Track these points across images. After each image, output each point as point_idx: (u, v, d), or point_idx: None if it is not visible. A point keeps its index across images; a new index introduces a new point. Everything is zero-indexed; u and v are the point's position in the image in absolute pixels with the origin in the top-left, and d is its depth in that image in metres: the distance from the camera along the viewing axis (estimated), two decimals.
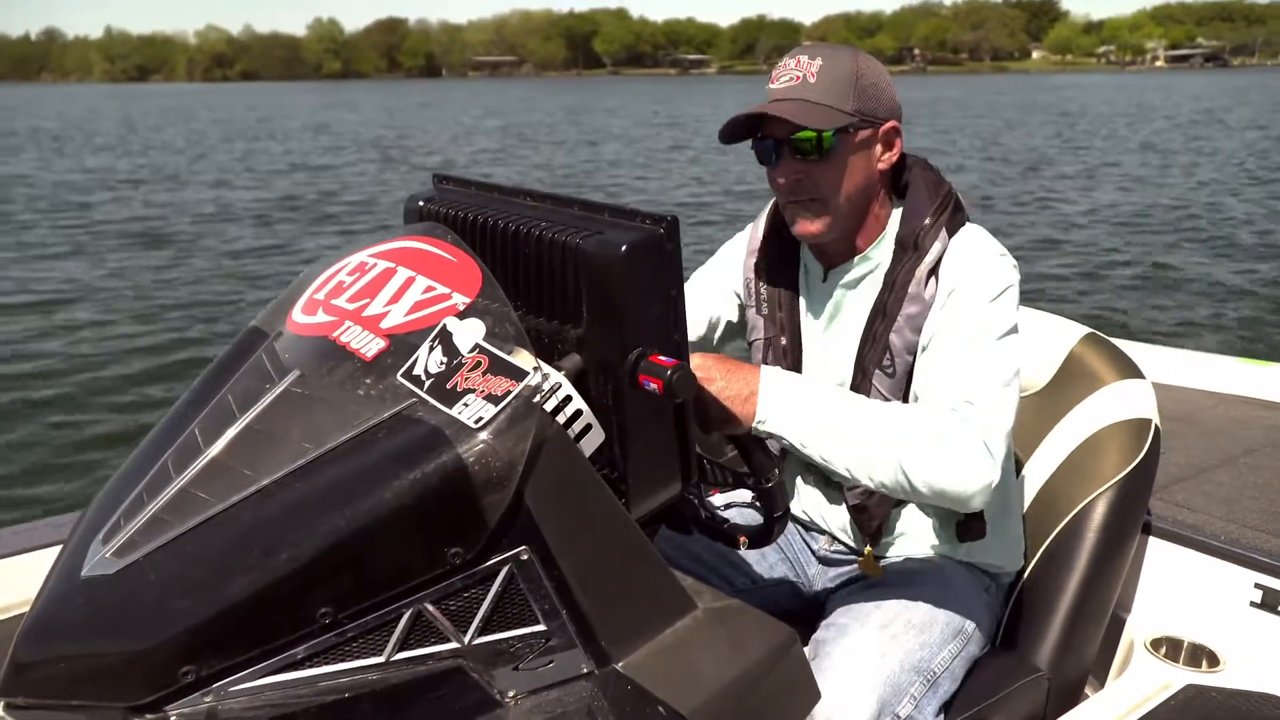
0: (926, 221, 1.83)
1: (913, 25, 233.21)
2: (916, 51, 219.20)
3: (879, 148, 1.85)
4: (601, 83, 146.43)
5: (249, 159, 27.46)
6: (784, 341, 2.00)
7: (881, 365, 1.84)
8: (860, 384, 1.87)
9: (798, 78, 1.79)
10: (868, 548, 1.99)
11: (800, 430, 1.63)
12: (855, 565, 2.04)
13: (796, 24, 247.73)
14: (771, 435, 1.63)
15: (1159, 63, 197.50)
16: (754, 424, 1.62)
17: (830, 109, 1.76)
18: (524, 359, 1.21)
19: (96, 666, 1.07)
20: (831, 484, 2.02)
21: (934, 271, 1.81)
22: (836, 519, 2.03)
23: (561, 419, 1.26)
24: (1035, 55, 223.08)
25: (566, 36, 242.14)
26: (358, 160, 26.91)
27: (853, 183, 1.82)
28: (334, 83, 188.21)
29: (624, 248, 1.27)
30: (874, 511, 1.95)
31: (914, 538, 1.99)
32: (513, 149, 30.44)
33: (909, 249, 1.83)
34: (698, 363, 1.58)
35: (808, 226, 1.85)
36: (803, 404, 1.63)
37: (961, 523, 1.95)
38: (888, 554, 2.01)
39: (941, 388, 1.72)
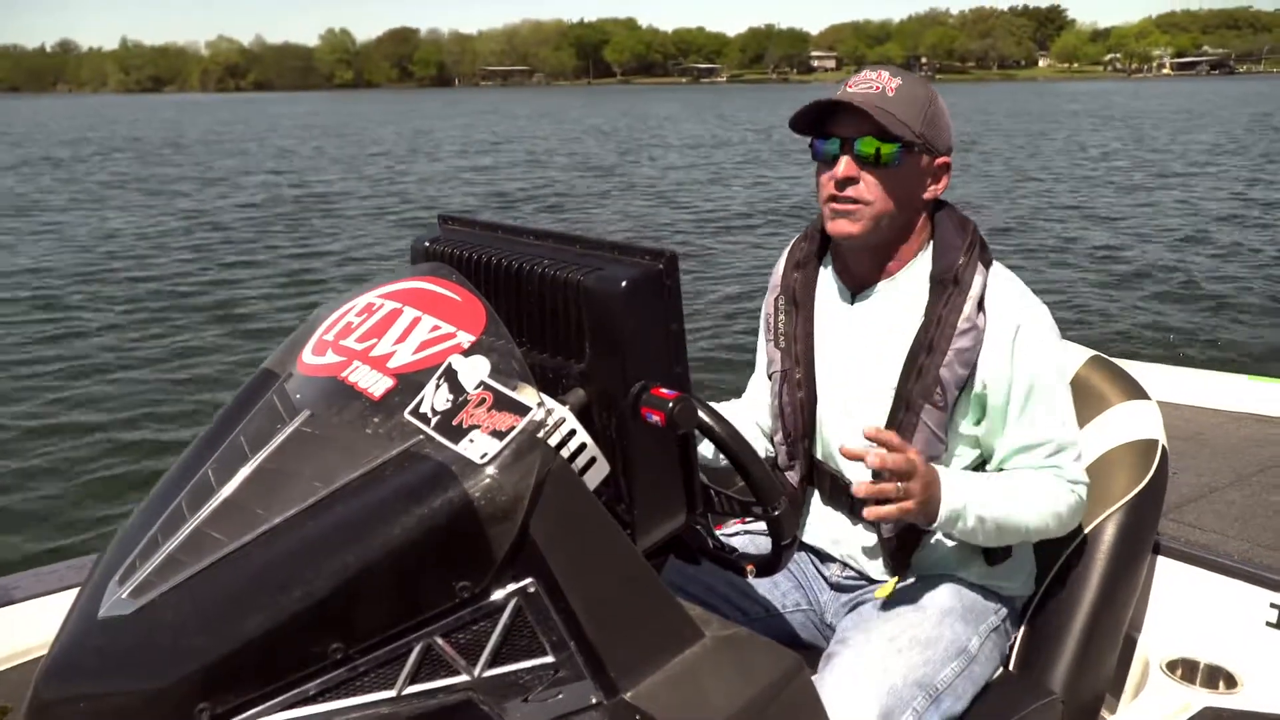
0: (961, 260, 1.89)
1: (920, 34, 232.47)
2: (924, 60, 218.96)
3: (929, 178, 1.92)
4: (619, 91, 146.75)
5: (411, 163, 28.69)
6: (798, 375, 2.02)
7: (932, 399, 1.88)
8: (905, 417, 1.89)
9: (877, 88, 1.86)
10: (895, 578, 2.00)
11: (964, 528, 1.84)
12: (868, 590, 2.04)
13: (804, 33, 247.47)
14: (937, 531, 1.87)
15: (1165, 70, 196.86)
16: (935, 524, 1.81)
17: (903, 124, 1.83)
18: (528, 394, 1.23)
19: (115, 705, 1.09)
20: (854, 515, 2.02)
21: (979, 305, 1.87)
22: (860, 551, 2.04)
23: (566, 453, 1.28)
24: (1042, 63, 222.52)
25: (577, 46, 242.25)
26: (510, 164, 27.89)
27: (899, 200, 1.88)
28: (347, 92, 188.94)
29: (624, 283, 1.29)
30: (905, 543, 1.97)
31: (937, 564, 2.01)
32: (642, 148, 31.69)
33: (948, 284, 1.88)
34: (914, 458, 1.74)
35: (846, 228, 1.89)
36: (970, 508, 1.82)
37: (989, 549, 1.99)
38: (904, 577, 2.02)
39: (1036, 437, 1.91)
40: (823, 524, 2.10)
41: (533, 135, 40.66)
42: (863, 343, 1.97)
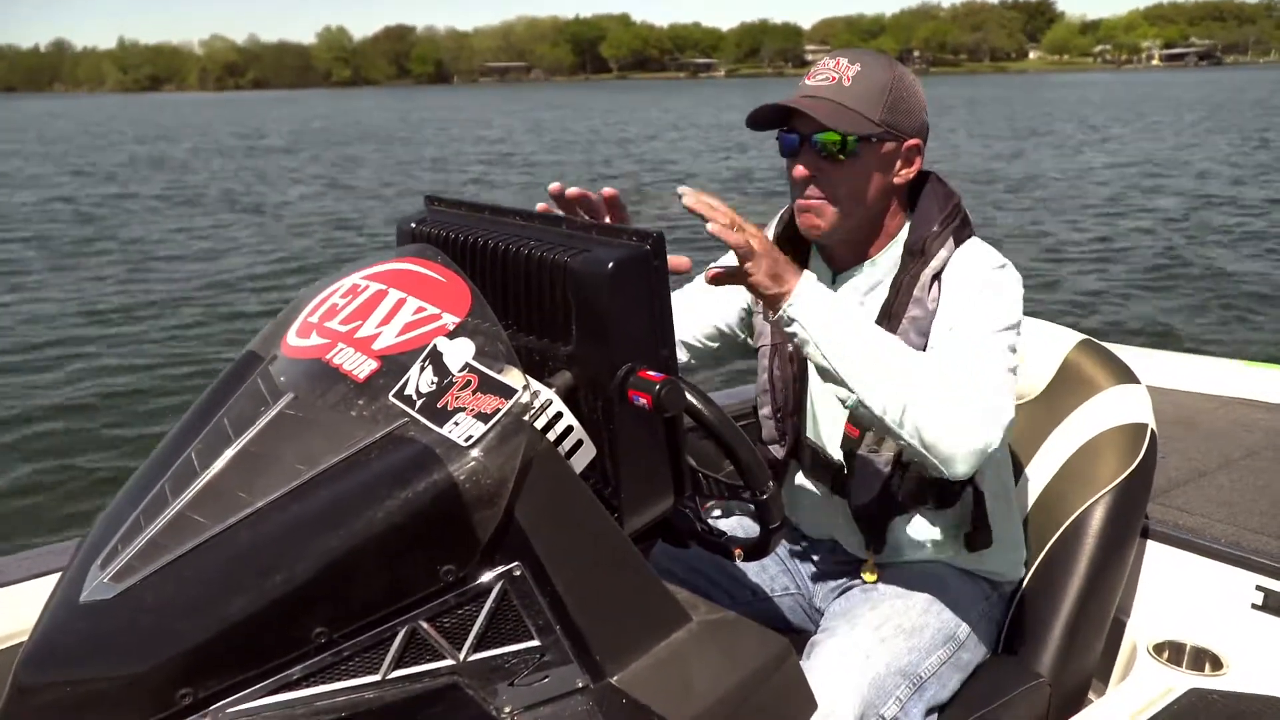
0: (935, 229, 1.85)
1: (913, 27, 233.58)
2: (916, 53, 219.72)
3: (899, 162, 1.87)
4: (621, 87, 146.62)
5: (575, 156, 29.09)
6: (789, 348, 2.01)
7: None
8: None
9: (833, 79, 1.81)
10: (870, 553, 1.99)
11: (823, 330, 1.65)
12: (856, 576, 2.04)
13: (798, 27, 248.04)
14: (793, 324, 1.66)
15: (1154, 61, 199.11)
16: (782, 307, 1.65)
17: (858, 115, 1.79)
18: (513, 377, 1.22)
19: (97, 690, 1.08)
20: (834, 490, 2.02)
21: (937, 278, 1.83)
22: (838, 526, 2.04)
23: (552, 436, 1.27)
24: (1032, 55, 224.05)
25: (573, 42, 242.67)
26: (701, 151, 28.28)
27: (866, 190, 1.84)
28: (347, 90, 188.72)
29: (611, 264, 1.28)
30: (876, 516, 1.96)
31: (916, 545, 2.00)
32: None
33: (916, 255, 1.85)
34: (753, 231, 1.64)
35: (813, 221, 1.87)
36: (833, 308, 1.67)
37: (970, 532, 1.97)
38: (888, 561, 2.02)
39: (946, 369, 1.71)
40: (803, 499, 2.10)
41: (638, 124, 40.95)
42: None
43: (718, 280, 1.69)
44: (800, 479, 2.11)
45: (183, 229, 15.95)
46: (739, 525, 2.09)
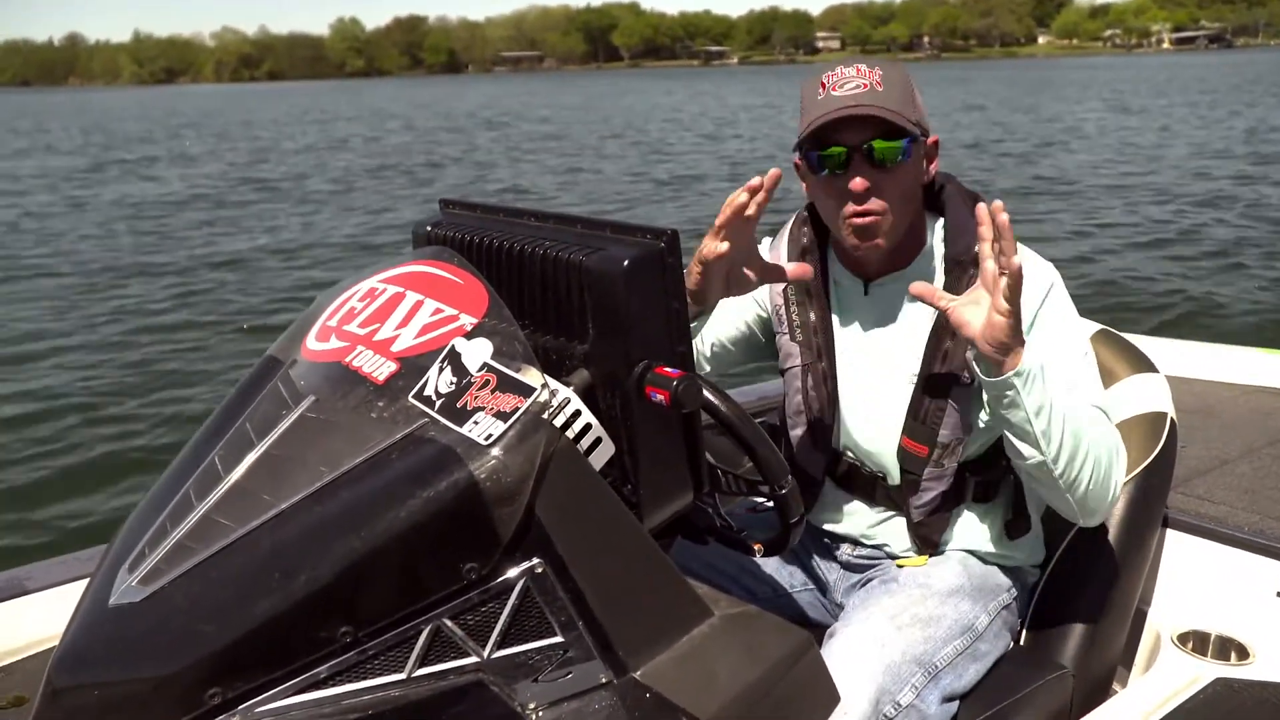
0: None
1: (923, 13, 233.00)
2: (926, 39, 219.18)
3: (926, 161, 1.87)
4: (638, 75, 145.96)
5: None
6: (823, 366, 1.98)
7: (961, 381, 1.84)
8: (931, 402, 1.86)
9: (865, 85, 1.77)
10: (925, 556, 1.99)
11: (1041, 397, 1.67)
12: (878, 568, 2.03)
13: (808, 15, 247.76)
14: (1012, 388, 1.66)
15: (1165, 45, 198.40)
16: (1019, 366, 1.65)
17: (904, 117, 1.77)
18: (532, 376, 1.23)
19: (127, 692, 1.09)
20: (889, 499, 2.00)
21: None
22: (890, 535, 2.02)
23: (571, 434, 1.28)
24: (1041, 40, 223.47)
25: (584, 30, 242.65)
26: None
27: (910, 193, 1.84)
28: (361, 80, 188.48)
29: (626, 263, 1.29)
30: (935, 524, 1.96)
31: (961, 539, 1.99)
32: None
33: (967, 265, 1.82)
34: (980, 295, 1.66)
35: (877, 233, 1.82)
36: (1045, 375, 1.69)
37: (1010, 520, 1.98)
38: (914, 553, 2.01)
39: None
40: (846, 516, 2.07)
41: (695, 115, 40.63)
42: (882, 331, 1.94)
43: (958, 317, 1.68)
44: (840, 495, 2.07)
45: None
46: (757, 519, 2.09)
